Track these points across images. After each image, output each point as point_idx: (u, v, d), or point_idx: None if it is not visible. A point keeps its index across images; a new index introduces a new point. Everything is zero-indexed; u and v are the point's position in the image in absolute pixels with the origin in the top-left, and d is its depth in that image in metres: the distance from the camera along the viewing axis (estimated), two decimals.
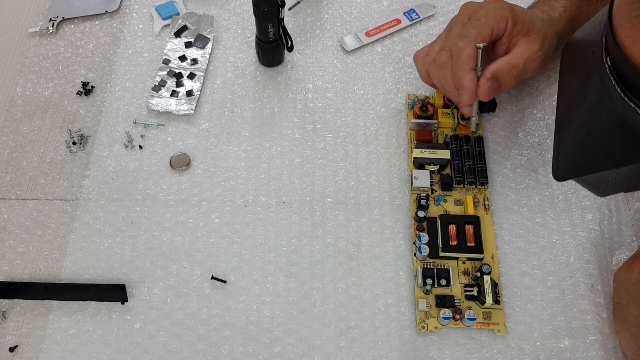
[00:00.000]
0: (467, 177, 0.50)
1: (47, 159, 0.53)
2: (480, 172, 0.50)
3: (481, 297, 0.44)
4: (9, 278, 0.47)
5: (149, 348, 0.44)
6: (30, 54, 0.59)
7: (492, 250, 0.47)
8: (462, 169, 0.51)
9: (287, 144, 0.54)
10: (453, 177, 0.50)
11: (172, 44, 0.59)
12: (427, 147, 0.51)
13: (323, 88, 0.57)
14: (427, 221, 0.48)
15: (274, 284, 0.47)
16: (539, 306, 0.46)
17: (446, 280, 0.45)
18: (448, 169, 0.51)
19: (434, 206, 0.49)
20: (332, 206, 0.50)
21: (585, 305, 0.46)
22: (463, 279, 0.46)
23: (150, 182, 0.51)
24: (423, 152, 0.51)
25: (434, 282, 0.45)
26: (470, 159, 0.51)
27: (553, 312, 0.45)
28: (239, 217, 0.50)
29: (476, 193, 0.50)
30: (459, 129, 0.53)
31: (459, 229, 0.47)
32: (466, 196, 0.50)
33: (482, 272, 0.45)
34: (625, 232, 0.49)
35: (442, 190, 0.50)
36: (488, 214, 0.49)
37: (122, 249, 0.48)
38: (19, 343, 0.44)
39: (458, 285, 0.46)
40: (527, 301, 0.46)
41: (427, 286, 0.45)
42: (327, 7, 0.63)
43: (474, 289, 0.45)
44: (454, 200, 0.50)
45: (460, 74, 0.46)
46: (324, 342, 0.45)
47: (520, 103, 0.56)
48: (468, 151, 0.51)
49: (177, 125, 0.55)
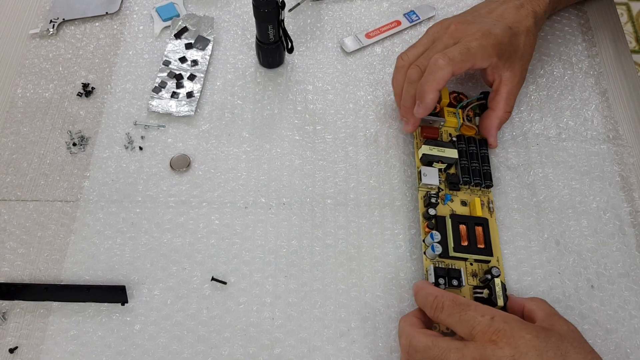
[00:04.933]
0: (474, 179, 0.50)
1: (47, 160, 0.53)
2: (485, 175, 0.50)
3: (492, 300, 0.43)
4: (9, 279, 0.47)
5: (149, 349, 0.44)
6: (30, 56, 0.59)
7: (497, 253, 0.47)
8: (469, 170, 0.50)
9: (287, 145, 0.54)
10: (460, 177, 0.50)
11: (172, 45, 0.59)
12: (435, 144, 0.50)
13: (323, 89, 0.57)
14: (436, 220, 0.47)
15: (274, 285, 0.47)
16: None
17: (458, 281, 0.45)
18: (453, 169, 0.51)
19: (442, 205, 0.49)
20: (332, 207, 0.50)
21: (583, 309, 0.46)
22: (471, 281, 0.46)
23: (151, 184, 0.51)
24: (432, 149, 0.50)
25: (445, 282, 0.45)
26: (476, 160, 0.51)
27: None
28: (239, 218, 0.50)
29: (480, 195, 0.50)
30: (463, 129, 0.53)
31: (469, 230, 0.47)
32: (472, 197, 0.49)
33: (492, 274, 0.45)
34: (628, 232, 0.49)
35: (449, 190, 0.50)
36: (492, 217, 0.49)
37: (122, 250, 0.48)
38: (19, 344, 0.44)
39: (467, 287, 0.46)
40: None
41: (440, 286, 0.44)
42: (327, 9, 0.63)
43: (484, 291, 0.44)
44: (459, 200, 0.49)
45: (427, 89, 0.46)
46: (325, 344, 0.45)
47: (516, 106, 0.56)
48: (473, 152, 0.51)
49: (178, 126, 0.55)
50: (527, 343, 0.35)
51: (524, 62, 0.50)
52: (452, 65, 0.46)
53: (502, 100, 0.50)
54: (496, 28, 0.48)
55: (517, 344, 0.35)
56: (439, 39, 0.50)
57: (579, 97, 0.57)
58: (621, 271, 0.48)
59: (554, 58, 0.59)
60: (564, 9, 0.62)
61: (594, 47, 0.60)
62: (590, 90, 0.57)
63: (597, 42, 0.61)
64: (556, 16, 0.62)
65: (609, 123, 0.55)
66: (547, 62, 0.59)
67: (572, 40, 0.61)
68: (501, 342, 0.35)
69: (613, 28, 0.62)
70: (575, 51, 0.60)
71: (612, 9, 0.64)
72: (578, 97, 0.57)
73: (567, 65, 0.59)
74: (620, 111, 0.56)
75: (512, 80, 0.50)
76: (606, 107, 0.56)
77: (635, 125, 0.55)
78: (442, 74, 0.46)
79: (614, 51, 0.60)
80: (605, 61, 0.59)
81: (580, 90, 0.57)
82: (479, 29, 0.48)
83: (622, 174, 0.52)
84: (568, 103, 0.57)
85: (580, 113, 0.56)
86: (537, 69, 0.59)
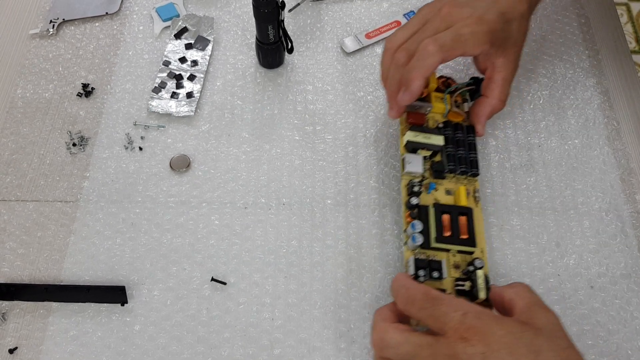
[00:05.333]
0: (460, 167, 0.48)
1: (47, 160, 0.53)
2: (472, 163, 0.48)
3: (474, 292, 0.42)
4: (8, 280, 0.47)
5: (148, 350, 0.44)
6: (30, 56, 0.59)
7: (481, 244, 0.45)
8: (455, 158, 0.48)
9: (287, 146, 0.54)
10: (446, 164, 0.48)
11: (172, 45, 0.59)
12: (421, 130, 0.49)
13: (323, 90, 0.57)
14: (419, 209, 0.46)
15: (274, 285, 0.47)
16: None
17: (439, 273, 0.43)
18: (438, 156, 0.49)
19: (425, 194, 0.47)
20: (332, 208, 0.50)
21: (584, 310, 0.46)
22: (454, 273, 0.44)
23: (151, 184, 0.51)
24: (417, 135, 0.48)
25: (426, 274, 0.43)
26: (463, 148, 0.49)
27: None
28: (239, 218, 0.50)
29: (466, 184, 0.48)
30: (451, 115, 0.51)
31: (452, 220, 0.45)
32: (457, 186, 0.48)
33: (475, 266, 0.43)
34: (630, 233, 0.49)
35: (433, 178, 0.48)
36: (477, 206, 0.47)
37: (122, 250, 0.48)
38: (19, 345, 0.44)
39: (449, 279, 0.44)
40: None
41: (420, 278, 0.43)
42: (327, 9, 0.63)
43: (465, 284, 0.43)
44: (444, 189, 0.48)
45: (414, 76, 0.45)
46: (324, 344, 0.44)
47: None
48: (460, 140, 0.49)
49: (177, 126, 0.55)
50: (499, 340, 0.34)
51: (517, 49, 0.48)
52: (442, 52, 0.44)
53: (497, 88, 0.48)
54: (490, 14, 0.46)
55: (489, 341, 0.34)
56: (430, 22, 0.47)
57: (581, 97, 0.57)
58: (623, 272, 0.47)
59: (555, 58, 0.59)
60: (564, 9, 0.62)
61: (595, 47, 0.60)
62: (592, 89, 0.57)
63: (597, 42, 0.60)
64: (556, 15, 0.62)
65: (611, 123, 0.55)
66: (549, 62, 0.59)
67: (572, 39, 0.61)
68: (473, 340, 0.34)
69: (613, 28, 0.62)
70: (576, 51, 0.60)
71: (612, 9, 0.64)
72: (580, 96, 0.57)
73: (569, 65, 0.59)
74: (622, 111, 0.56)
75: (507, 67, 0.48)
76: (608, 107, 0.56)
77: (636, 125, 0.55)
78: (430, 61, 0.44)
79: (614, 51, 0.60)
80: (605, 61, 0.59)
81: (582, 89, 0.57)
82: (472, 14, 0.46)
83: (623, 175, 0.52)
84: (570, 102, 0.56)
85: (583, 113, 0.56)
86: (539, 68, 0.59)
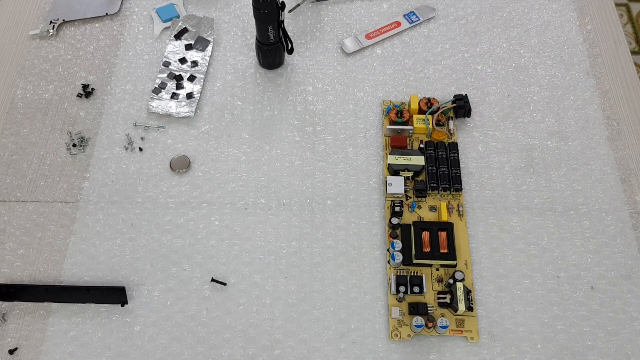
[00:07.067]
0: (442, 184, 0.50)
1: (47, 161, 0.53)
2: (454, 179, 0.50)
3: (454, 305, 0.44)
4: (8, 280, 0.47)
5: (148, 350, 0.44)
6: (30, 57, 0.59)
7: (465, 256, 0.47)
8: (437, 175, 0.50)
9: (287, 146, 0.54)
10: (427, 183, 0.50)
11: (172, 46, 0.59)
12: (401, 153, 0.51)
13: (323, 90, 0.57)
14: (401, 228, 0.48)
15: (274, 286, 0.47)
16: (535, 310, 0.46)
17: (419, 288, 0.45)
18: (422, 175, 0.51)
19: (408, 213, 0.49)
20: (332, 208, 0.50)
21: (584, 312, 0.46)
22: (437, 286, 0.46)
23: (150, 185, 0.51)
24: (397, 158, 0.50)
25: (407, 289, 0.45)
26: (445, 165, 0.51)
27: (554, 315, 0.45)
28: (239, 219, 0.50)
29: (450, 199, 0.50)
30: (434, 135, 0.53)
31: (432, 236, 0.47)
32: (440, 202, 0.49)
33: (455, 278, 0.45)
34: (630, 234, 0.49)
35: (416, 197, 0.50)
36: (462, 220, 0.49)
37: (122, 251, 0.48)
38: (19, 345, 0.44)
39: (431, 293, 0.45)
40: (526, 304, 0.46)
41: (400, 294, 0.45)
42: (327, 10, 0.63)
43: (446, 296, 0.44)
44: (428, 206, 0.50)
45: None
46: (324, 345, 0.44)
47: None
48: (442, 157, 0.51)
49: (177, 127, 0.55)
50: None
51: None
52: None
53: None
54: None
55: None
56: None
57: (581, 98, 0.57)
58: (623, 273, 0.47)
59: (555, 59, 0.59)
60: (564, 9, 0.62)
61: (595, 48, 0.60)
62: (592, 90, 0.57)
63: (597, 43, 0.61)
64: (556, 16, 0.62)
65: (611, 124, 0.55)
66: (549, 63, 0.59)
67: (572, 40, 0.61)
68: None
69: (613, 29, 0.62)
70: (577, 52, 0.60)
71: (612, 10, 0.64)
72: (580, 97, 0.57)
73: (569, 66, 0.59)
74: (622, 112, 0.56)
75: None
76: (608, 107, 0.56)
77: (636, 126, 0.55)
78: None
79: (614, 52, 0.60)
80: (605, 62, 0.59)
81: (582, 90, 0.57)
82: None
83: (623, 175, 0.52)
84: (570, 103, 0.56)
85: (583, 114, 0.56)
86: (539, 69, 0.59)
